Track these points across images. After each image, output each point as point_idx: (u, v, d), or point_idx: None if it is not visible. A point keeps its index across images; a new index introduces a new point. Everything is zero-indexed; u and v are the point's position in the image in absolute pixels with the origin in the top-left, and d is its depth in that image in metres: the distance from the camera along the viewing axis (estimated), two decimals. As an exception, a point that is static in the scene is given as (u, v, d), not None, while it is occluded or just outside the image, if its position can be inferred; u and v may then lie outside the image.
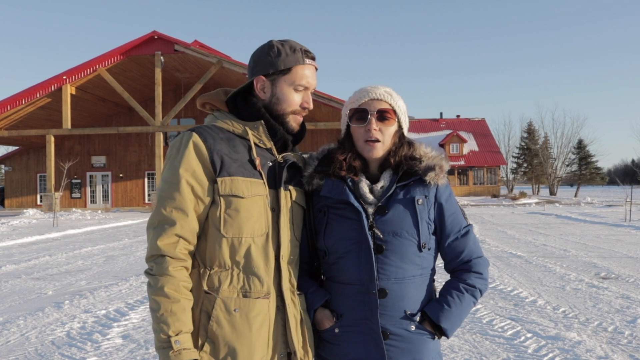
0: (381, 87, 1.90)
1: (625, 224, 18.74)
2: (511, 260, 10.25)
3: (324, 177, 1.88)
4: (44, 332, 5.49)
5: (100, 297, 7.18)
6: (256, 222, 1.74)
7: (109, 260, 10.95)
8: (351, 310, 1.82)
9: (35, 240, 15.43)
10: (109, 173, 36.55)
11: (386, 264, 1.80)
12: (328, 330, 1.86)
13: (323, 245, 1.86)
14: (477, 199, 45.00)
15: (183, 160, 1.71)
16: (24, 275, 9.09)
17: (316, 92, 26.76)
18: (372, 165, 1.90)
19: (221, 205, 1.72)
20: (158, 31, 27.83)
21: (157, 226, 1.70)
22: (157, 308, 1.64)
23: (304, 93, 1.86)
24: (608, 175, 66.91)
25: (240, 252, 1.72)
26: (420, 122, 59.43)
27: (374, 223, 1.81)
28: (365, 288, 1.79)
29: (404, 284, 1.81)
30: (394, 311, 1.80)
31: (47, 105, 29.56)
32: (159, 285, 1.65)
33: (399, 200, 1.83)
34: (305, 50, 1.84)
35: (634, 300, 6.72)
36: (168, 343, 1.61)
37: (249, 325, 1.69)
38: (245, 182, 1.74)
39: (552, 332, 5.27)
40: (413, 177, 1.86)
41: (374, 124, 1.84)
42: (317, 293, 1.87)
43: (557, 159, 60.86)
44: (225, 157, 1.74)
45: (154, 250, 1.68)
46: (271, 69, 1.83)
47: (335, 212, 1.85)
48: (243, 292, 1.71)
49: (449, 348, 4.79)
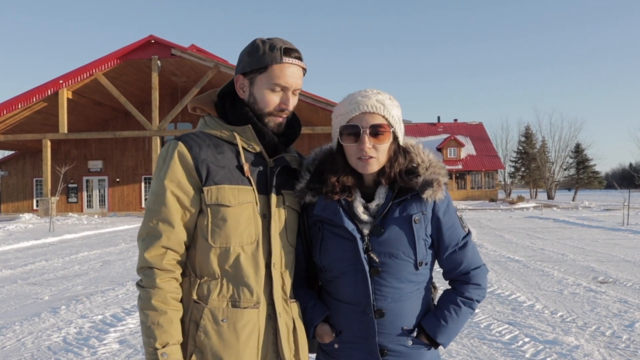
0: (372, 96, 1.76)
1: (623, 227, 18.77)
2: (509, 265, 10.24)
3: (316, 194, 1.81)
4: (40, 337, 5.46)
5: (97, 302, 7.15)
6: (245, 230, 1.71)
7: (105, 265, 10.90)
8: (349, 328, 1.81)
9: (32, 245, 15.36)
10: (106, 177, 36.45)
11: (383, 285, 1.77)
12: (328, 345, 1.86)
13: (319, 262, 1.83)
14: (475, 203, 45.01)
15: (168, 171, 1.70)
16: (20, 281, 9.05)
17: (313, 97, 26.81)
18: (367, 179, 1.82)
19: (208, 215, 1.70)
20: (155, 35, 27.81)
21: (145, 238, 1.69)
22: (145, 320, 1.64)
23: (282, 94, 1.78)
24: (606, 179, 66.98)
25: (229, 261, 1.70)
26: (417, 126, 59.51)
27: (370, 245, 1.76)
28: (362, 309, 1.77)
29: (400, 303, 1.79)
30: (391, 329, 1.79)
31: (43, 110, 29.46)
32: (146, 298, 1.65)
33: (394, 220, 1.76)
34: (286, 49, 1.75)
35: (631, 304, 6.72)
36: (155, 356, 1.61)
37: (236, 336, 1.67)
38: (232, 190, 1.71)
39: (550, 336, 5.26)
40: (410, 193, 1.78)
41: (367, 142, 1.72)
42: (316, 308, 1.85)
43: (555, 163, 60.99)
44: (211, 165, 1.71)
45: (142, 263, 1.68)
46: (248, 67, 1.78)
47: (330, 230, 1.80)
48: (232, 302, 1.69)
49: (447, 353, 4.78)
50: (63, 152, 35.94)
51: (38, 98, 27.70)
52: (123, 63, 28.23)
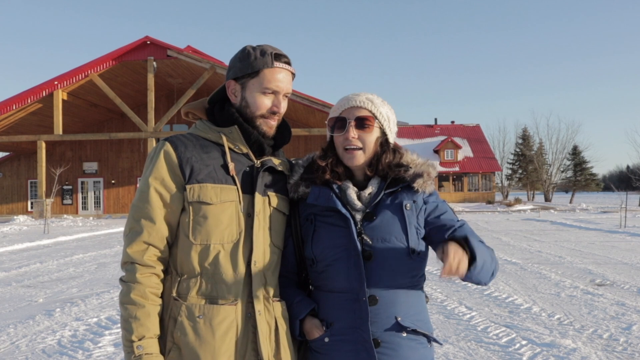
0: (363, 94, 1.88)
1: (620, 230, 18.79)
2: (506, 267, 10.23)
3: (310, 184, 1.86)
4: (34, 340, 5.41)
5: (92, 304, 7.11)
6: (226, 228, 1.75)
7: (100, 267, 10.85)
8: (341, 319, 1.79)
9: (26, 247, 15.29)
10: (101, 179, 36.36)
11: (376, 270, 1.77)
12: (317, 340, 1.82)
13: (311, 254, 1.83)
14: (472, 206, 45.05)
15: (153, 169, 1.76)
16: (14, 283, 8.99)
17: (310, 98, 26.83)
18: (357, 173, 1.89)
19: (190, 212, 1.74)
20: (150, 36, 27.77)
21: (128, 234, 1.74)
22: (124, 314, 1.68)
23: (274, 97, 1.84)
24: (603, 181, 67.20)
25: (209, 258, 1.73)
26: (414, 128, 59.61)
27: (362, 230, 1.79)
28: (355, 296, 1.76)
29: (394, 291, 1.78)
30: (384, 318, 1.77)
31: (38, 111, 29.37)
32: (126, 292, 1.69)
33: (386, 206, 1.82)
34: (276, 54, 1.83)
35: (629, 307, 6.71)
36: (131, 348, 1.65)
37: (212, 332, 1.68)
38: (215, 189, 1.75)
39: (547, 339, 5.25)
40: (401, 184, 1.85)
41: (352, 132, 1.83)
42: (303, 303, 1.84)
43: (552, 165, 61.21)
44: (195, 164, 1.76)
45: (125, 258, 1.73)
46: (240, 73, 1.84)
47: (323, 220, 1.83)
48: (209, 299, 1.72)
49: (444, 356, 4.75)
50: (58, 154, 35.84)
51: (33, 99, 27.63)
52: (118, 64, 28.19)
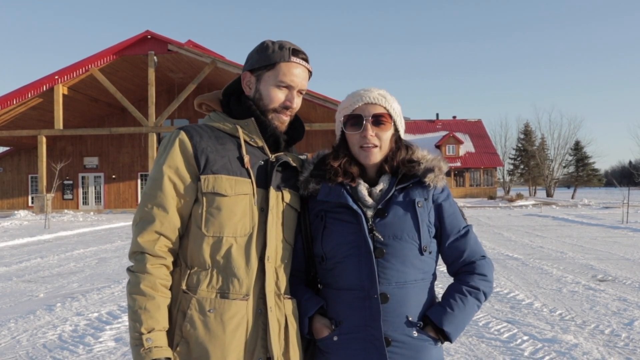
0: (374, 90, 1.86)
1: (622, 225, 18.78)
2: (508, 263, 10.23)
3: (320, 181, 1.84)
4: (35, 335, 5.41)
5: (93, 299, 7.11)
6: (239, 221, 1.71)
7: (101, 262, 10.85)
8: (351, 317, 1.76)
9: (27, 242, 15.30)
10: (102, 174, 36.34)
11: (387, 267, 1.74)
12: (326, 339, 1.80)
13: (320, 251, 1.81)
14: (474, 201, 45.06)
15: (168, 157, 1.72)
16: (15, 278, 8.99)
17: (311, 93, 26.72)
18: (370, 170, 1.86)
19: (203, 203, 1.71)
20: (151, 31, 27.71)
21: (139, 223, 1.70)
22: (132, 305, 1.64)
23: (288, 92, 1.82)
24: (605, 176, 66.86)
25: (221, 251, 1.69)
26: (416, 123, 59.52)
27: (374, 226, 1.77)
28: (366, 293, 1.73)
29: (405, 288, 1.76)
30: (395, 317, 1.75)
31: (38, 106, 29.35)
32: (135, 282, 1.64)
33: (398, 203, 1.80)
34: (294, 50, 1.81)
35: (630, 302, 6.70)
36: (140, 340, 1.60)
37: (222, 327, 1.65)
38: (230, 180, 1.72)
39: (549, 334, 5.24)
40: (412, 180, 1.83)
41: (370, 130, 1.80)
42: (311, 301, 1.82)
43: (554, 160, 61.15)
44: (211, 154, 1.73)
45: (135, 247, 1.68)
46: (256, 64, 1.83)
47: (333, 216, 1.81)
48: (221, 293, 1.68)
49: (445, 351, 4.74)
50: (58, 149, 35.80)
51: (33, 94, 27.61)
52: (119, 58, 28.14)
